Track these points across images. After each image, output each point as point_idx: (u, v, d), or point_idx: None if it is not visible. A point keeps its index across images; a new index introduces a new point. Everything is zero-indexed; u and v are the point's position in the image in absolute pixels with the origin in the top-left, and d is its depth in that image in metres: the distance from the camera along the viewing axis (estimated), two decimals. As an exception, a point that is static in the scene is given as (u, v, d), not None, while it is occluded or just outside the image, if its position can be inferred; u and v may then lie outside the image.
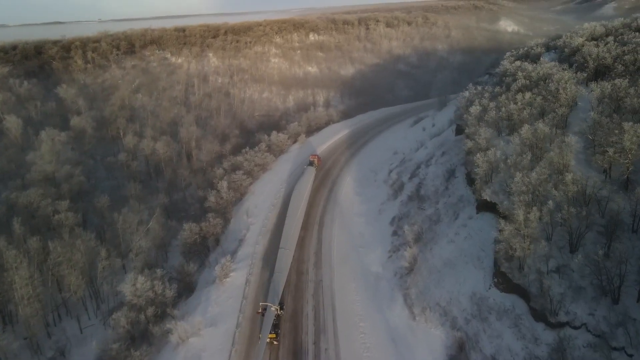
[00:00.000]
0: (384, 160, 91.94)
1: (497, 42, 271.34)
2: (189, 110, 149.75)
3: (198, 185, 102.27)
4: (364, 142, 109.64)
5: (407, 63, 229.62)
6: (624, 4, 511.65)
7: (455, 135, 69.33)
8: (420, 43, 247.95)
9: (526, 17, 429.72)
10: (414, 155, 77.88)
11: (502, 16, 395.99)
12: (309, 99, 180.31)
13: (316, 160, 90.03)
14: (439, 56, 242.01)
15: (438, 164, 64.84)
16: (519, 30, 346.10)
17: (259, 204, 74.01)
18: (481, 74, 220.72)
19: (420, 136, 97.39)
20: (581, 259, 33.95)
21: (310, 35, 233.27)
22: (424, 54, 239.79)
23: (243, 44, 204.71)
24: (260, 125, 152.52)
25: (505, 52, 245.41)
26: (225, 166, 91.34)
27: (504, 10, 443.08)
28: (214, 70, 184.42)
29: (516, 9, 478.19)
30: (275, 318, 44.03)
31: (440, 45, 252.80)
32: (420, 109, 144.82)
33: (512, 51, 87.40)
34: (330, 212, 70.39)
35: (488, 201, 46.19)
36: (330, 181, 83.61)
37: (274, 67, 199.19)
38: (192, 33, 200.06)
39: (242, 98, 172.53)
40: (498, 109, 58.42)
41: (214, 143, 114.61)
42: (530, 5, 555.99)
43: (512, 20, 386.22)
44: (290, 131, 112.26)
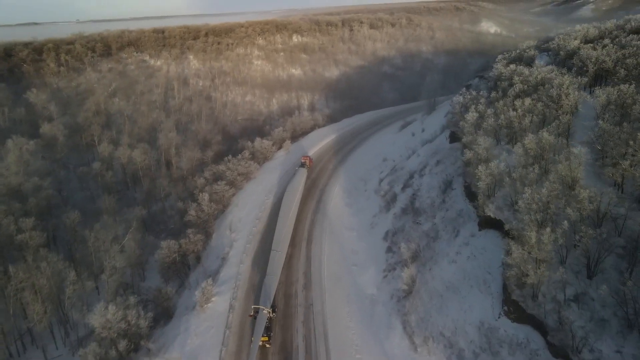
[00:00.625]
0: (373, 167, 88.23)
1: (480, 44, 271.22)
2: (169, 115, 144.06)
3: (178, 196, 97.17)
4: (351, 147, 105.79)
5: (392, 65, 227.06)
6: (601, 6, 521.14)
7: (449, 143, 65.88)
8: (404, 44, 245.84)
9: (506, 19, 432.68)
10: (406, 164, 74.24)
11: (483, 18, 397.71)
12: (294, 102, 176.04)
13: (308, 162, 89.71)
14: (424, 58, 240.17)
15: (433, 174, 61.24)
16: (501, 32, 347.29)
17: (242, 218, 69.41)
18: (469, 76, 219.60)
19: (410, 142, 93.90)
20: (605, 289, 30.36)
21: (293, 36, 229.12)
22: (408, 55, 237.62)
23: (225, 45, 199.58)
24: (243, 130, 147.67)
25: (489, 54, 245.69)
26: (207, 175, 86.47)
27: (485, 11, 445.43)
28: (194, 73, 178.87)
29: (496, 10, 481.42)
30: (268, 321, 43.43)
31: (424, 46, 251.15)
32: (407, 112, 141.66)
33: (504, 54, 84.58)
34: (319, 225, 66.24)
35: (492, 218, 42.63)
36: (319, 191, 79.50)
37: (257, 70, 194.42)
38: (172, 34, 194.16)
39: (224, 102, 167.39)
40: (496, 116, 55.09)
41: (194, 150, 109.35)
42: (509, 7, 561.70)
43: (493, 22, 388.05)
44: (274, 137, 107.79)
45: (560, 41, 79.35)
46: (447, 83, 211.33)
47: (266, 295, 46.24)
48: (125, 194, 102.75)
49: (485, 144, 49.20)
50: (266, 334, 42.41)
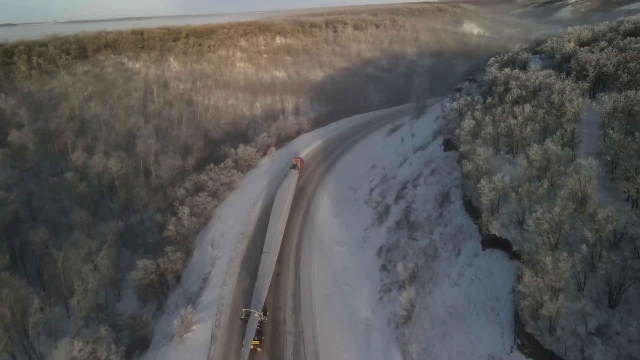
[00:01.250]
0: (362, 175, 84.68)
1: (464, 46, 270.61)
2: (148, 120, 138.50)
3: (157, 206, 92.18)
4: (339, 153, 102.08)
5: (377, 67, 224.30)
6: (579, 8, 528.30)
7: (443, 151, 62.62)
8: (389, 46, 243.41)
9: (488, 20, 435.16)
10: (398, 172, 70.77)
11: (465, 19, 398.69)
12: (278, 106, 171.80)
13: (299, 163, 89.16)
14: (409, 59, 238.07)
15: (428, 185, 57.84)
16: (484, 33, 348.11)
17: (225, 232, 65.00)
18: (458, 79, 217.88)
19: (399, 147, 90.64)
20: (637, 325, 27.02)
21: (276, 38, 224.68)
22: (393, 57, 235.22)
23: (206, 47, 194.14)
24: (226, 135, 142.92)
25: (473, 56, 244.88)
26: (188, 186, 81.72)
27: (467, 13, 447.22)
28: (175, 76, 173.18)
29: (478, 12, 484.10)
30: (258, 324, 42.83)
31: (409, 48, 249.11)
32: (394, 115, 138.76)
33: (496, 57, 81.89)
34: (308, 239, 62.29)
35: (497, 236, 39.27)
36: (306, 201, 75.52)
37: (240, 72, 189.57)
38: (151, 36, 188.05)
39: (206, 105, 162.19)
40: (495, 124, 51.93)
41: (175, 157, 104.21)
42: (490, 8, 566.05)
43: (475, 24, 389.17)
44: (258, 143, 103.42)
45: (553, 44, 76.98)
46: (434, 85, 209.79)
47: (257, 299, 45.38)
48: (101, 205, 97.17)
49: (485, 155, 45.89)
50: (257, 338, 41.77)
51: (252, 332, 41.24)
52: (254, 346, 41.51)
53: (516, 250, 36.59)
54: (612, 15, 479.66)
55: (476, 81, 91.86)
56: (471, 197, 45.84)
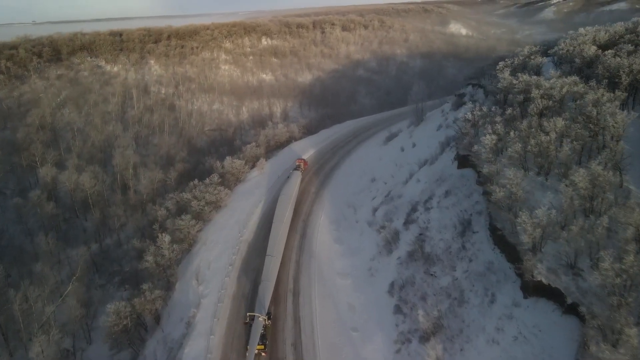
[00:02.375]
0: (362, 189, 77.56)
1: (454, 47, 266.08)
2: (126, 127, 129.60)
3: (136, 225, 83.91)
4: (333, 165, 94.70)
5: (367, 68, 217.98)
6: (562, 8, 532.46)
7: (457, 168, 55.71)
8: (379, 47, 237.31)
9: (473, 21, 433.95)
10: (404, 190, 63.69)
11: (451, 19, 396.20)
12: (265, 111, 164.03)
13: (302, 165, 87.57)
14: (399, 61, 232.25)
15: (442, 209, 50.84)
16: (472, 34, 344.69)
17: (212, 262, 57.10)
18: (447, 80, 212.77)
19: (400, 158, 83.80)
20: None
21: (262, 39, 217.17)
22: (383, 58, 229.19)
23: (189, 49, 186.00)
24: (211, 143, 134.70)
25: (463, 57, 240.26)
26: (169, 205, 73.40)
27: (452, 13, 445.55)
28: (156, 80, 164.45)
29: (462, 12, 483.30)
30: (263, 329, 41.99)
31: (399, 49, 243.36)
32: (388, 121, 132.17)
33: (505, 60, 75.28)
34: (306, 270, 54.77)
35: (544, 283, 32.39)
36: (301, 221, 67.92)
37: (225, 75, 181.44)
38: (131, 37, 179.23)
39: (190, 111, 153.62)
40: (523, 140, 45.08)
41: (155, 170, 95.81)
42: (473, 9, 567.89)
43: (461, 24, 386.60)
44: (246, 154, 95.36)
45: (568, 46, 70.71)
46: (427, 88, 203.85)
47: (261, 303, 44.46)
48: (74, 224, 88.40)
49: (516, 179, 38.95)
50: (261, 342, 40.99)
51: (256, 336, 40.28)
52: (258, 351, 40.44)
53: (572, 303, 29.85)
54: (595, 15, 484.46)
55: (481, 86, 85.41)
56: (503, 229, 38.88)
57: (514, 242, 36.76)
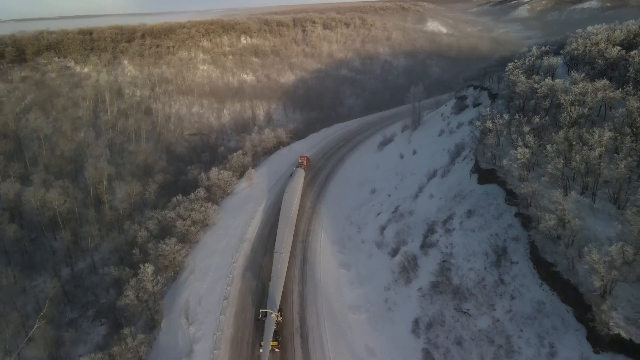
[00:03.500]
0: (362, 202, 71.34)
1: (437, 45, 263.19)
2: (99, 134, 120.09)
3: (113, 245, 75.61)
4: (327, 173, 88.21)
5: (351, 68, 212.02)
6: (536, 7, 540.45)
7: (478, 183, 49.93)
8: (361, 46, 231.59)
9: (450, 19, 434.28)
10: (415, 206, 57.63)
11: (429, 17, 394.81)
12: (248, 113, 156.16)
13: (305, 162, 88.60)
14: (383, 60, 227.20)
15: (467, 231, 44.98)
16: (453, 32, 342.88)
17: (203, 295, 49.90)
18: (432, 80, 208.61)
19: (400, 167, 78.03)
20: None
21: (242, 38, 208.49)
22: (366, 57, 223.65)
23: (165, 48, 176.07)
24: (192, 149, 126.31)
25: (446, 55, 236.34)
26: (151, 225, 65.46)
27: (429, 11, 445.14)
28: (130, 81, 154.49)
29: (438, 10, 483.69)
30: (275, 325, 42.18)
31: (381, 48, 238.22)
32: (379, 124, 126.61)
33: (515, 62, 69.97)
34: (312, 304, 48.10)
35: (624, 338, 26.66)
36: (300, 242, 61.10)
37: (203, 76, 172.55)
38: (102, 36, 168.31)
39: (167, 114, 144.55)
40: (562, 155, 39.48)
41: (132, 182, 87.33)
42: (448, 7, 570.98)
43: (438, 22, 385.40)
44: (233, 163, 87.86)
45: (581, 46, 65.90)
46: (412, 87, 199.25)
47: (272, 300, 44.82)
48: (41, 245, 79.38)
49: (567, 203, 33.23)
50: (275, 338, 41.22)
51: (270, 332, 40.43)
52: (272, 347, 40.44)
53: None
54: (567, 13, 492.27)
55: (485, 89, 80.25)
56: (556, 264, 33.07)
57: (573, 281, 31.00)
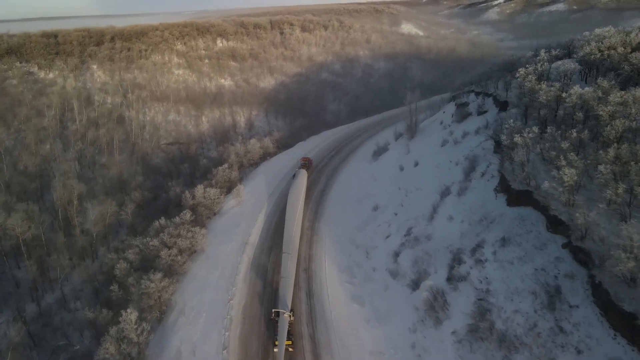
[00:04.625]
0: (365, 222, 65.38)
1: (416, 47, 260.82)
2: (67, 146, 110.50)
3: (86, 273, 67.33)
4: (322, 187, 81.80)
5: (332, 71, 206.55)
6: (505, 9, 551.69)
7: (508, 206, 44.55)
8: (341, 49, 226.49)
9: (423, 21, 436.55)
10: (432, 230, 51.90)
11: (402, 20, 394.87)
12: (228, 120, 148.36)
13: (309, 163, 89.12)
14: (363, 63, 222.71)
15: (505, 264, 39.38)
16: (429, 34, 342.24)
17: (197, 343, 42.65)
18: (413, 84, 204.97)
19: (402, 180, 72.52)
20: None
21: (218, 41, 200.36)
22: (347, 60, 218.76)
23: (137, 52, 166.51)
24: (170, 160, 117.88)
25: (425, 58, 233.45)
26: (131, 255, 57.46)
27: (403, 14, 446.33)
28: (100, 88, 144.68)
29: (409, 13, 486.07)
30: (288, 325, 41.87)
31: (361, 51, 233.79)
32: (369, 130, 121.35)
33: (526, 67, 65.30)
34: (327, 350, 41.24)
35: None
36: (302, 271, 54.35)
37: (179, 81, 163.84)
38: (67, 39, 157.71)
39: (142, 123, 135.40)
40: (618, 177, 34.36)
41: (106, 201, 78.91)
42: (418, 10, 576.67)
43: (412, 24, 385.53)
44: (219, 178, 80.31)
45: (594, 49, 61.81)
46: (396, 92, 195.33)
47: (283, 300, 44.66)
48: (3, 275, 70.24)
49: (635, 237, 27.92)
50: (288, 338, 40.94)
51: (284, 332, 40.46)
52: (286, 346, 40.11)
53: None
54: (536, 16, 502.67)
55: (489, 95, 75.55)
56: (638, 314, 27.68)
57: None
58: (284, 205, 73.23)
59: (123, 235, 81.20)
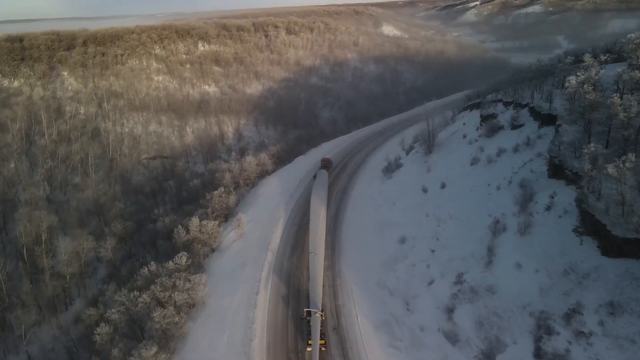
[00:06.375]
0: (393, 257, 55.70)
1: (404, 49, 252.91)
2: (34, 165, 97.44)
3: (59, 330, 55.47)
4: (335, 212, 70.80)
5: (321, 76, 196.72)
6: (482, 11, 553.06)
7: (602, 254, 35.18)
8: (329, 52, 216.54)
9: (403, 23, 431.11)
10: (493, 278, 41.84)
11: (383, 21, 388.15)
12: (214, 131, 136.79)
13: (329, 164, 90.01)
14: (352, 66, 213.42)
15: (621, 341, 29.53)
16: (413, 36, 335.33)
17: None
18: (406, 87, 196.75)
19: (428, 206, 63.21)
20: None
21: (199, 44, 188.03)
22: (336, 64, 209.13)
23: (112, 57, 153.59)
24: (153, 178, 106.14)
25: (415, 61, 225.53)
26: (116, 316, 45.78)
27: (382, 15, 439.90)
28: (72, 97, 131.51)
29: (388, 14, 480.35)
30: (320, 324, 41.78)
31: (349, 53, 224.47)
32: (371, 142, 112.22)
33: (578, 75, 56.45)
34: None
35: None
36: (332, 330, 44.08)
37: (159, 88, 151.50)
38: (34, 44, 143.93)
39: (120, 135, 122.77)
40: None
41: (82, 235, 66.98)
42: (396, 11, 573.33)
43: (392, 26, 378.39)
44: (214, 205, 68.86)
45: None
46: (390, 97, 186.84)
47: (314, 300, 44.00)
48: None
49: None
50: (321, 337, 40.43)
51: (317, 331, 40.00)
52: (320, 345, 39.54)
53: None
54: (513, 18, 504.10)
55: (524, 106, 66.64)
56: None
57: None
58: (295, 240, 63.02)
59: (102, 273, 69.49)
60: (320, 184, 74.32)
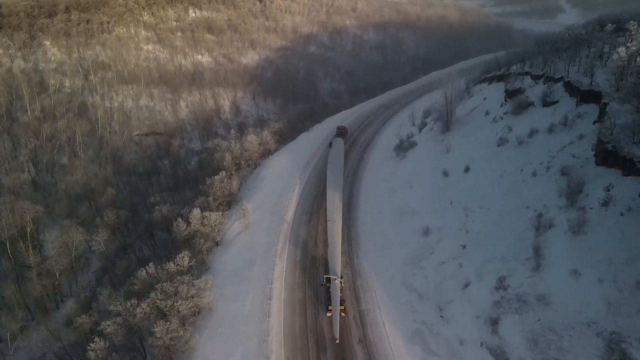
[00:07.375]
0: (417, 253, 50.47)
1: (405, 15, 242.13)
2: (17, 145, 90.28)
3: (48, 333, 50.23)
4: (346, 200, 65.29)
5: (320, 44, 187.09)
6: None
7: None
8: (327, 18, 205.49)
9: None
10: (544, 286, 35.84)
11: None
12: (210, 104, 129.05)
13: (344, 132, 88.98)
14: (352, 34, 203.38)
15: None
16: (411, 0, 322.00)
17: None
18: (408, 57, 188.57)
19: (451, 191, 57.92)
20: None
21: (190, 10, 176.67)
22: (334, 31, 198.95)
23: (97, 25, 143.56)
24: (146, 156, 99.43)
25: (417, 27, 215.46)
26: (111, 329, 40.25)
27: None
28: (56, 69, 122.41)
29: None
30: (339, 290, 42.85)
31: (348, 20, 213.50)
32: (378, 117, 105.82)
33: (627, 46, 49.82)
34: None
35: None
36: (358, 343, 39.05)
37: (149, 58, 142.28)
38: (13, 11, 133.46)
39: (109, 111, 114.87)
40: None
41: (71, 226, 60.93)
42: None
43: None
44: (216, 191, 62.58)
45: None
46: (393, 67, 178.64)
47: (332, 267, 45.11)
48: None
49: None
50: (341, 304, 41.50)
51: (337, 297, 40.75)
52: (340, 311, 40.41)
53: None
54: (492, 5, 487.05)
55: (558, 80, 60.15)
56: None
57: None
58: (308, 232, 57.39)
59: (95, 266, 63.97)
60: (337, 153, 74.23)
